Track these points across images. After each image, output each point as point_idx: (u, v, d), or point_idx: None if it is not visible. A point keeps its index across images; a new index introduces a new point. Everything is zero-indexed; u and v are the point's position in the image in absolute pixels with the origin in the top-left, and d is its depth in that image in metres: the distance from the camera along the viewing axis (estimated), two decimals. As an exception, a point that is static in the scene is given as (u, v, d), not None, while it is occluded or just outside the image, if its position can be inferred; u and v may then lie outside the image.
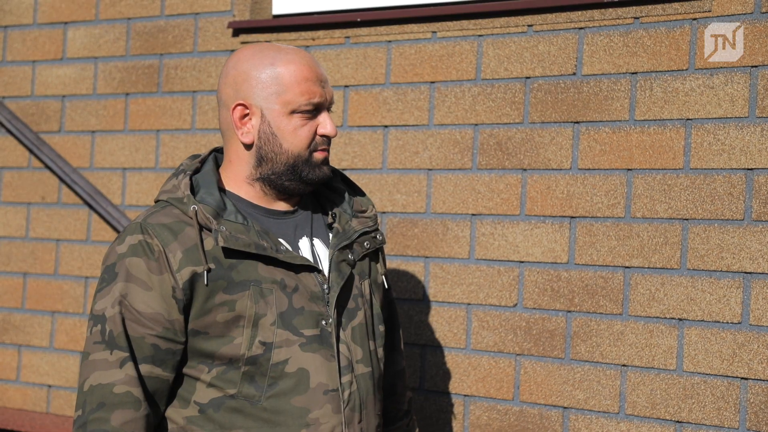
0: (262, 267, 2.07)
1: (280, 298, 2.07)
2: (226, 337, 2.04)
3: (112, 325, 2.02)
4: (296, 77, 2.12)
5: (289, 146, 2.13)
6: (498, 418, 2.89)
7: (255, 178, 2.15)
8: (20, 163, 3.72)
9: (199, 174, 2.15)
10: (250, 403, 2.04)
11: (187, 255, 2.04)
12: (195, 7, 3.44)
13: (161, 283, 2.03)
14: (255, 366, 2.04)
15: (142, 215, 2.11)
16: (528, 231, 2.87)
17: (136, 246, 2.05)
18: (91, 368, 2.02)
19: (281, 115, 2.12)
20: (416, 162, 3.05)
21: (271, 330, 2.05)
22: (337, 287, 2.13)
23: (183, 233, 2.05)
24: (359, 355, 2.15)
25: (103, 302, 2.05)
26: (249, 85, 2.12)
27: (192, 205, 2.07)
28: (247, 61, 2.14)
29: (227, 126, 2.16)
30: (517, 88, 2.91)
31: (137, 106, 3.52)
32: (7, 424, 3.57)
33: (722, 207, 2.63)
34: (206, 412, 2.05)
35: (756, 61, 2.60)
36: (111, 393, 2.00)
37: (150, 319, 2.03)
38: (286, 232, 2.15)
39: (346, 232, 2.20)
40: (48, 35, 3.70)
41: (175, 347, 2.05)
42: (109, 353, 2.02)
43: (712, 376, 2.62)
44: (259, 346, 2.04)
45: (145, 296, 2.03)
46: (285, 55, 2.14)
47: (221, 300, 2.04)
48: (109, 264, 2.07)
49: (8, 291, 3.71)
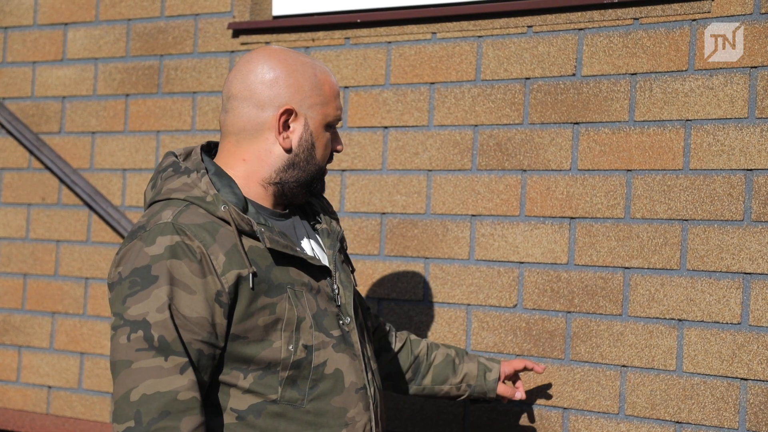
0: (293, 269, 2.06)
1: (310, 301, 2.07)
2: (266, 341, 2.01)
3: (164, 331, 1.93)
4: (333, 91, 2.14)
5: (319, 158, 2.14)
6: (498, 419, 2.89)
7: (273, 182, 2.12)
8: (20, 164, 3.73)
9: (211, 173, 2.10)
10: (293, 407, 2.02)
11: (230, 257, 1.99)
12: (195, 8, 3.44)
13: (205, 286, 1.96)
14: (298, 370, 2.03)
15: (167, 214, 2.00)
16: (528, 232, 2.88)
17: (174, 248, 1.96)
18: (141, 377, 1.91)
19: (320, 127, 2.13)
20: (416, 163, 3.05)
21: (310, 333, 2.05)
22: (350, 287, 2.16)
23: (219, 234, 2.00)
24: (369, 353, 2.19)
25: (140, 307, 1.94)
26: (295, 91, 2.09)
27: (221, 204, 2.01)
28: (287, 65, 2.10)
29: (255, 125, 2.10)
30: (516, 89, 2.91)
31: (137, 107, 3.52)
32: (8, 424, 3.57)
33: (722, 208, 2.63)
34: (246, 419, 2.01)
35: (755, 62, 2.61)
36: (175, 400, 1.91)
37: (196, 324, 1.96)
38: (290, 234, 2.15)
39: (334, 232, 2.22)
40: (48, 36, 3.70)
41: (215, 352, 1.99)
42: (164, 359, 1.92)
43: (712, 377, 2.62)
44: (303, 349, 2.03)
45: (190, 300, 1.96)
46: (319, 66, 2.15)
47: (263, 303, 2.01)
48: (140, 266, 1.96)
49: (8, 292, 3.71)
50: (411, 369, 2.57)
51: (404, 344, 2.58)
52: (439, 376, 2.58)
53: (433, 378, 2.58)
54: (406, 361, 2.57)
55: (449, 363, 2.58)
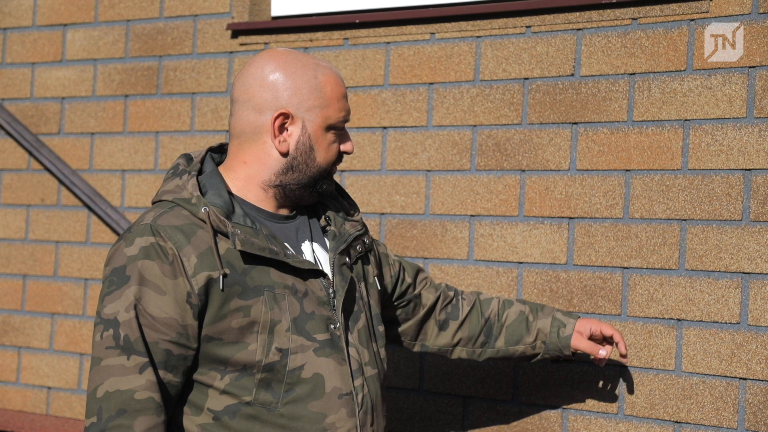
0: (274, 272, 2.06)
1: (292, 304, 2.06)
2: (241, 343, 2.02)
3: (128, 330, 1.97)
4: (336, 93, 2.13)
5: (321, 161, 2.14)
6: (497, 419, 2.89)
7: (273, 185, 2.13)
8: (20, 165, 3.73)
9: (204, 175, 2.12)
10: (266, 410, 2.02)
11: (202, 259, 2.00)
12: (194, 9, 3.44)
13: (175, 287, 1.99)
14: (272, 372, 2.03)
15: (150, 216, 2.05)
16: (526, 232, 2.88)
17: (148, 248, 2.00)
18: (106, 374, 1.96)
19: (320, 129, 2.12)
20: (415, 163, 3.05)
21: (287, 336, 2.04)
22: (342, 291, 2.13)
23: (195, 236, 2.02)
24: (366, 358, 2.15)
25: (114, 306, 1.99)
26: (292, 94, 2.09)
27: (203, 206, 2.03)
28: (287, 68, 2.10)
29: (254, 128, 2.11)
30: (515, 89, 2.91)
31: (136, 108, 3.52)
32: (7, 425, 3.58)
33: (720, 207, 2.63)
34: (221, 420, 2.03)
35: (753, 62, 2.61)
36: (132, 399, 1.94)
37: (164, 324, 1.98)
38: (289, 236, 2.14)
39: (342, 236, 2.20)
40: (47, 37, 3.71)
41: (186, 353, 2.01)
42: (126, 358, 1.96)
43: (711, 377, 2.62)
44: (276, 352, 2.03)
45: (159, 301, 1.99)
46: (323, 68, 2.13)
47: (236, 306, 2.01)
48: (119, 266, 2.01)
49: (8, 293, 3.71)
50: (483, 332, 2.54)
51: (473, 307, 2.55)
52: (513, 336, 2.53)
53: (507, 339, 2.53)
54: (476, 325, 2.54)
55: (522, 321, 2.53)
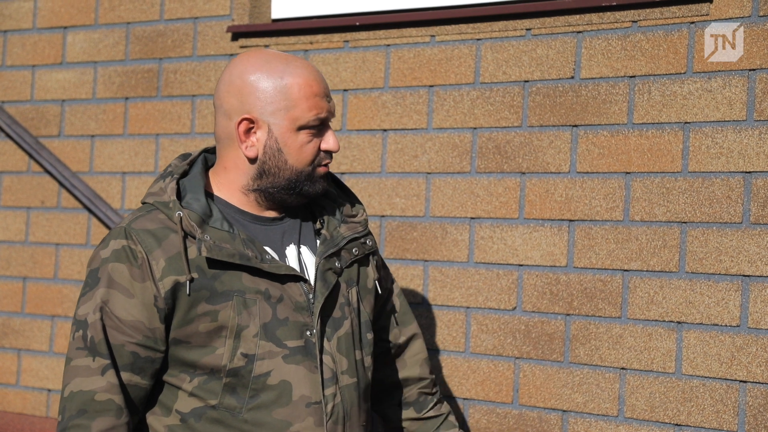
0: (246, 277, 2.05)
1: (263, 309, 2.04)
2: (209, 347, 2.03)
3: (94, 332, 2.00)
4: (305, 92, 2.08)
5: (294, 162, 2.10)
6: (497, 422, 2.89)
7: (251, 189, 2.12)
8: (20, 168, 3.73)
9: (187, 177, 2.12)
10: (231, 415, 2.02)
11: (170, 263, 2.01)
12: (194, 12, 3.44)
13: (143, 290, 2.01)
14: (237, 378, 2.02)
15: (128, 219, 2.07)
16: (527, 234, 2.88)
17: (119, 251, 2.02)
18: (73, 374, 2.01)
19: (289, 131, 2.08)
20: (415, 166, 3.05)
21: (254, 342, 2.03)
22: (322, 297, 2.10)
23: (167, 240, 2.03)
24: (345, 366, 2.12)
25: (85, 307, 2.02)
26: (256, 98, 2.07)
27: (177, 211, 2.03)
28: (254, 72, 2.08)
29: (227, 134, 2.11)
30: (515, 92, 2.92)
31: (136, 111, 3.52)
32: (7, 428, 3.57)
33: (720, 210, 2.63)
34: (187, 422, 2.04)
35: (754, 65, 2.61)
36: (92, 400, 1.98)
37: (130, 327, 2.00)
38: (273, 240, 2.13)
39: (334, 239, 2.17)
40: (48, 40, 3.71)
41: (154, 355, 2.03)
42: (92, 360, 2.00)
43: (711, 379, 2.62)
44: (241, 357, 2.02)
45: (127, 303, 2.01)
46: (294, 68, 2.09)
47: (204, 310, 2.02)
48: (93, 268, 2.04)
49: (8, 295, 3.71)
50: None
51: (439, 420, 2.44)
52: None
53: None
54: None
55: None
